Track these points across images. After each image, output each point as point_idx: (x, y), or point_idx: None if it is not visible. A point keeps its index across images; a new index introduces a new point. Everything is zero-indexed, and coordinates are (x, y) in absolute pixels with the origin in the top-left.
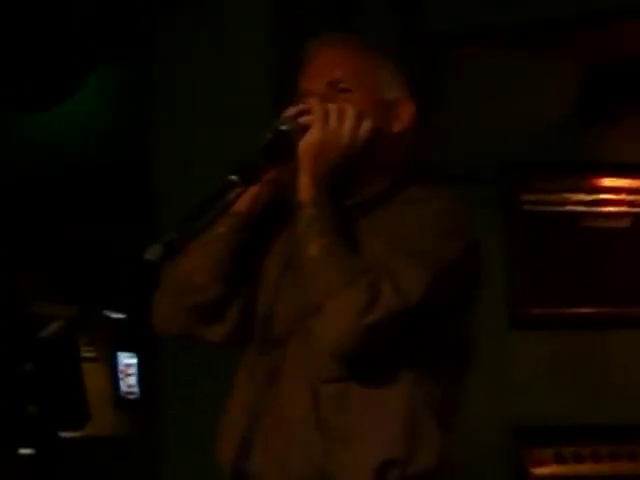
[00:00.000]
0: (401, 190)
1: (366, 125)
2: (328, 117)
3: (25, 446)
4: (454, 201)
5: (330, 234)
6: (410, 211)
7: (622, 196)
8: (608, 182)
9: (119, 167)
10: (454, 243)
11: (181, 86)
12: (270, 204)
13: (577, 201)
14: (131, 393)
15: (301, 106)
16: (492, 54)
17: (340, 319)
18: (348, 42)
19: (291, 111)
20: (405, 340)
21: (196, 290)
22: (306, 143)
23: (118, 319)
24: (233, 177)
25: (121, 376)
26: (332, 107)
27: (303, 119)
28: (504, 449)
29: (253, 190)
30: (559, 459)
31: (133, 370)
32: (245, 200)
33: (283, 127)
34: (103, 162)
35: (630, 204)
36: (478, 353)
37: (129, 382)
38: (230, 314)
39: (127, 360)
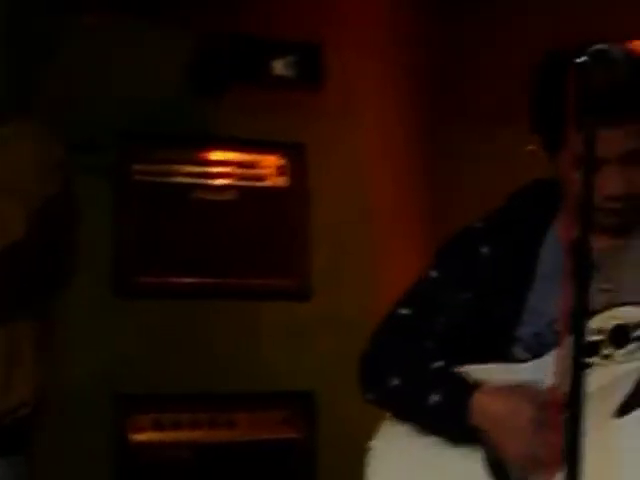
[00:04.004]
0: None
1: None
2: None
3: None
4: (47, 138)
5: None
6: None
7: (230, 169)
8: (217, 155)
9: None
10: (53, 179)
11: None
12: None
13: (186, 173)
14: None
15: None
16: (107, 21)
17: None
18: None
19: None
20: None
21: None
22: None
23: None
24: None
25: None
26: None
27: None
28: (104, 416)
29: None
30: (157, 426)
31: None
32: None
33: None
34: None
35: (238, 177)
36: (82, 321)
37: None
38: None
39: None
